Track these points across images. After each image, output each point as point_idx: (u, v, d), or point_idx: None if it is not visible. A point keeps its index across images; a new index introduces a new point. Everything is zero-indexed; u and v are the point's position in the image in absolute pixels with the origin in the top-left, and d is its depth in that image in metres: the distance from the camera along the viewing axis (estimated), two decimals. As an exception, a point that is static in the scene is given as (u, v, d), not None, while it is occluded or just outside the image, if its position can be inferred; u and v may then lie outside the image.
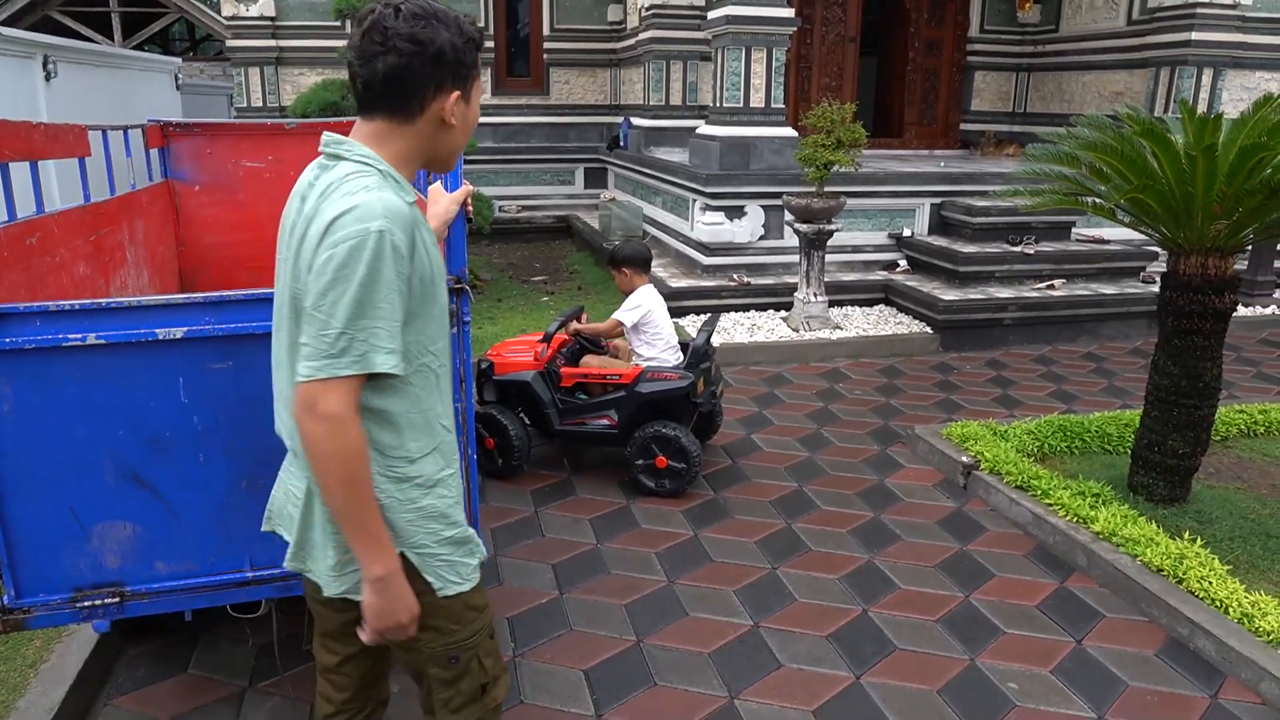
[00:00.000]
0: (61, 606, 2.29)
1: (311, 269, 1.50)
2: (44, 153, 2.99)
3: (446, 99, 1.60)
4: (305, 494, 1.69)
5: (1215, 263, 3.88)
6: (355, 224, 1.47)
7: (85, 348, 2.16)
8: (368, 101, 1.59)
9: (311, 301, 1.49)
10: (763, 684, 3.03)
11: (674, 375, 4.43)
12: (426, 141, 1.63)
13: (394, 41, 1.52)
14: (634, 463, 4.42)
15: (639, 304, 4.57)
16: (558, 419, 4.51)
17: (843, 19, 10.63)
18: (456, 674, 1.77)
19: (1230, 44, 8.91)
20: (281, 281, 1.66)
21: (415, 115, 1.59)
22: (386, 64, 1.52)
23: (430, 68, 1.55)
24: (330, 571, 1.69)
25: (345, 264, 1.47)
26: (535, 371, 4.50)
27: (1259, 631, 3.17)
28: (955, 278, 7.52)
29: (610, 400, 4.48)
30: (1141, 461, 4.22)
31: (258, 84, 11.28)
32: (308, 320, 1.51)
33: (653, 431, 4.36)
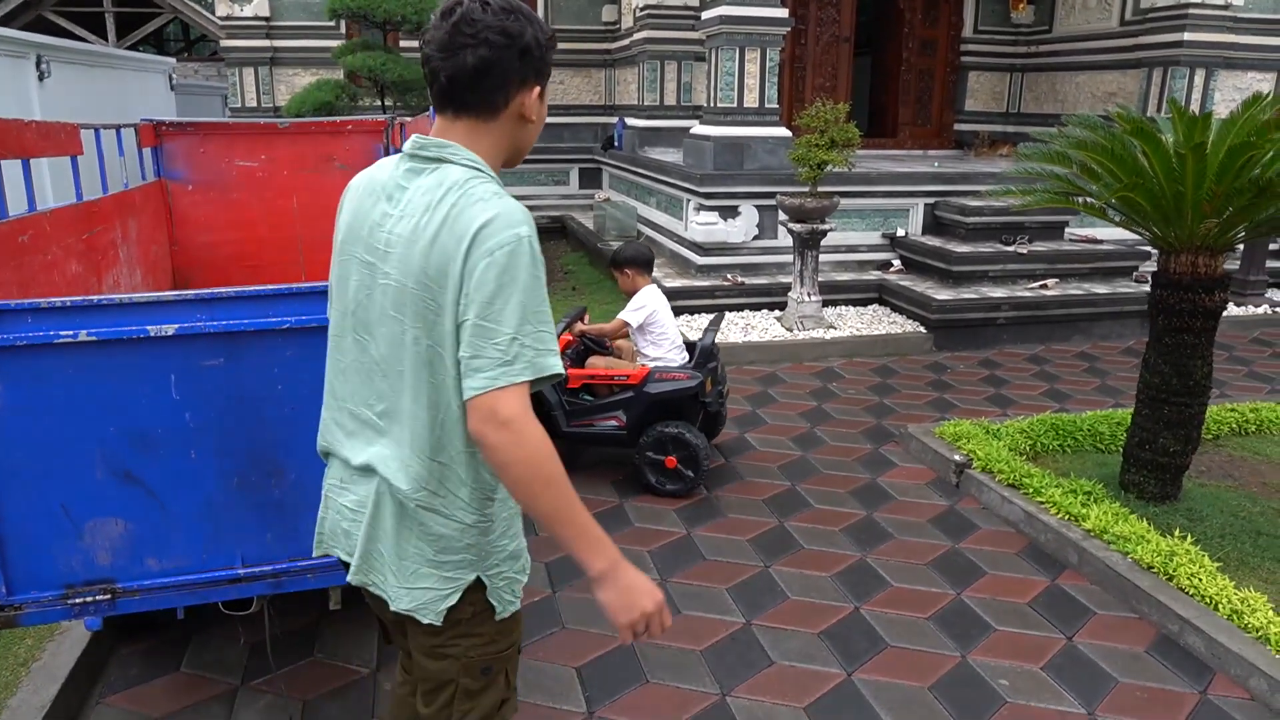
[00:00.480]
0: (53, 603, 2.29)
1: (464, 277, 1.48)
2: (36, 151, 2.99)
3: (529, 94, 1.58)
4: (372, 505, 1.64)
5: (1205, 261, 3.90)
6: (506, 230, 1.48)
7: (77, 345, 2.16)
8: (452, 97, 1.56)
9: (477, 311, 1.46)
10: (754, 681, 3.04)
11: (683, 375, 4.42)
12: (507, 138, 1.62)
13: (485, 34, 1.50)
14: (643, 464, 4.41)
15: (643, 304, 4.56)
16: (565, 421, 4.46)
17: (837, 19, 10.65)
18: (484, 685, 1.74)
19: (1222, 44, 8.94)
20: (356, 285, 1.61)
21: (499, 110, 1.57)
22: (477, 56, 1.50)
23: (517, 61, 1.54)
24: (403, 585, 1.64)
25: (507, 269, 1.47)
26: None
27: (1248, 628, 3.19)
28: (949, 277, 7.54)
29: (618, 401, 4.45)
30: (1133, 459, 4.24)
31: (252, 84, 11.28)
32: (474, 331, 1.47)
33: (662, 432, 4.36)
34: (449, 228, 1.49)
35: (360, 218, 1.62)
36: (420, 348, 1.54)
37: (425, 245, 1.50)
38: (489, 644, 1.72)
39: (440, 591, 1.63)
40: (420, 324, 1.52)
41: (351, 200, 1.67)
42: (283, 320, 2.26)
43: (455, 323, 1.50)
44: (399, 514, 1.63)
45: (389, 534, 1.64)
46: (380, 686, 2.98)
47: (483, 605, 1.68)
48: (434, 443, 1.58)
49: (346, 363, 1.68)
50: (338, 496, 1.75)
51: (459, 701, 1.73)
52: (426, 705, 1.76)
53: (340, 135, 4.59)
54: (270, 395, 2.31)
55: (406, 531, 1.63)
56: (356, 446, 1.68)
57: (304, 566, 2.44)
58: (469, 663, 1.71)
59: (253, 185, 4.59)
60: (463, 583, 1.65)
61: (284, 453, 2.35)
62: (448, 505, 1.61)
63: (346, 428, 1.70)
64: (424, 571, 1.63)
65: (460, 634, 1.69)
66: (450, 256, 1.48)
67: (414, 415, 1.57)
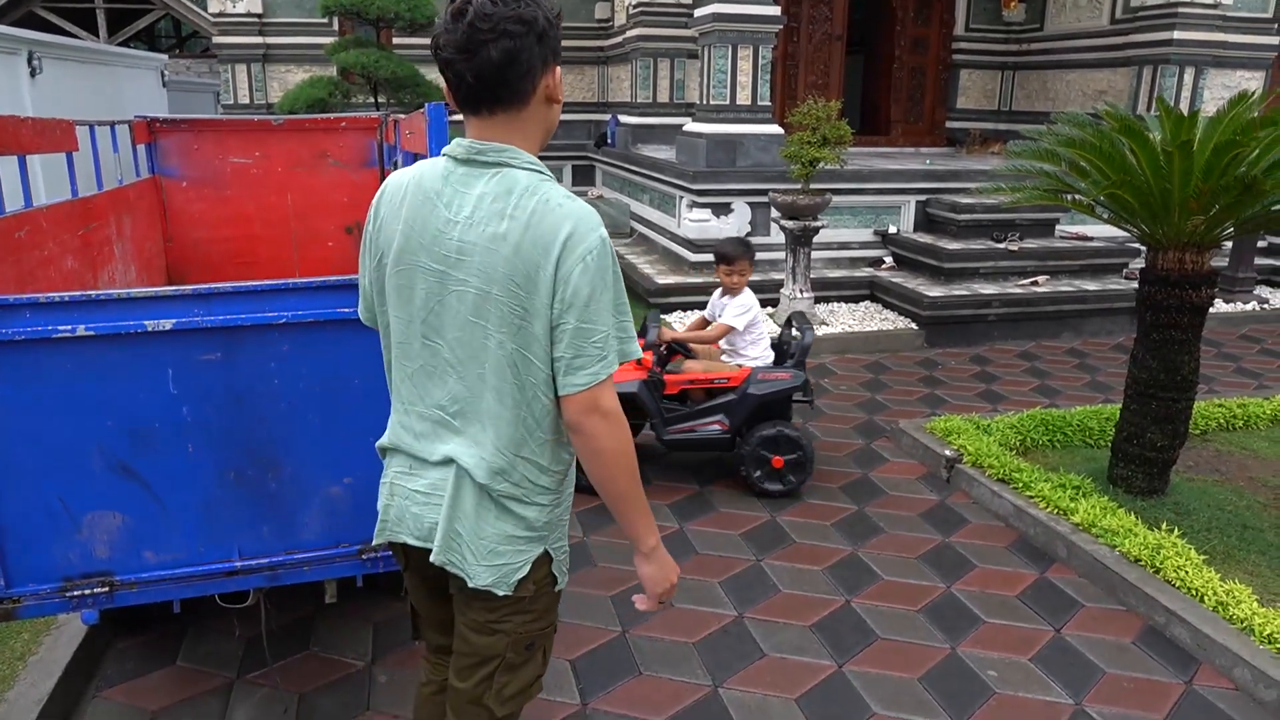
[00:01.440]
0: (51, 596, 2.31)
1: (558, 284, 1.54)
2: (32, 147, 3.00)
3: (552, 74, 1.61)
4: (452, 488, 1.67)
5: (1192, 258, 3.95)
6: (590, 233, 1.55)
7: (75, 339, 2.18)
8: (482, 94, 1.56)
9: (577, 315, 1.55)
10: (746, 673, 3.07)
11: (785, 374, 4.39)
12: (540, 124, 1.64)
13: (503, 25, 1.51)
14: (750, 467, 4.34)
15: (751, 306, 4.47)
16: (665, 428, 4.37)
17: (829, 17, 10.68)
18: (525, 660, 1.81)
19: (1211, 43, 9.00)
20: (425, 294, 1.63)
21: (529, 97, 1.58)
22: (500, 49, 1.51)
23: (537, 45, 1.55)
24: (481, 563, 1.70)
25: (599, 272, 1.55)
26: (640, 380, 4.28)
27: (1233, 619, 3.23)
28: (940, 274, 7.58)
29: (720, 404, 4.37)
30: (1121, 454, 4.28)
31: (244, 81, 11.26)
32: (574, 334, 1.55)
33: (776, 432, 4.31)
34: (531, 236, 1.53)
35: (418, 225, 1.62)
36: (505, 351, 1.59)
37: (509, 253, 1.54)
38: (536, 620, 1.79)
39: (513, 564, 1.71)
40: (505, 329, 1.58)
41: (400, 206, 1.65)
42: (279, 315, 2.28)
43: (547, 325, 1.57)
44: (478, 497, 1.68)
45: (469, 515, 1.69)
46: (376, 679, 3.00)
47: (544, 580, 1.77)
48: (518, 439, 1.65)
49: (415, 368, 1.70)
50: (405, 482, 1.77)
51: (500, 675, 1.79)
52: (464, 680, 1.80)
53: (334, 132, 4.60)
54: (267, 390, 2.33)
55: (485, 513, 1.69)
56: (428, 447, 1.72)
57: (300, 559, 2.47)
58: (517, 639, 1.78)
59: (247, 182, 4.60)
60: (533, 554, 1.73)
61: (280, 447, 2.37)
62: (528, 492, 1.70)
63: (415, 430, 1.74)
64: (500, 549, 1.70)
65: (516, 610, 1.75)
66: (537, 264, 1.53)
67: (497, 415, 1.63)
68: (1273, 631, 3.11)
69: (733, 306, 4.47)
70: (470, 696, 1.79)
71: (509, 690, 1.79)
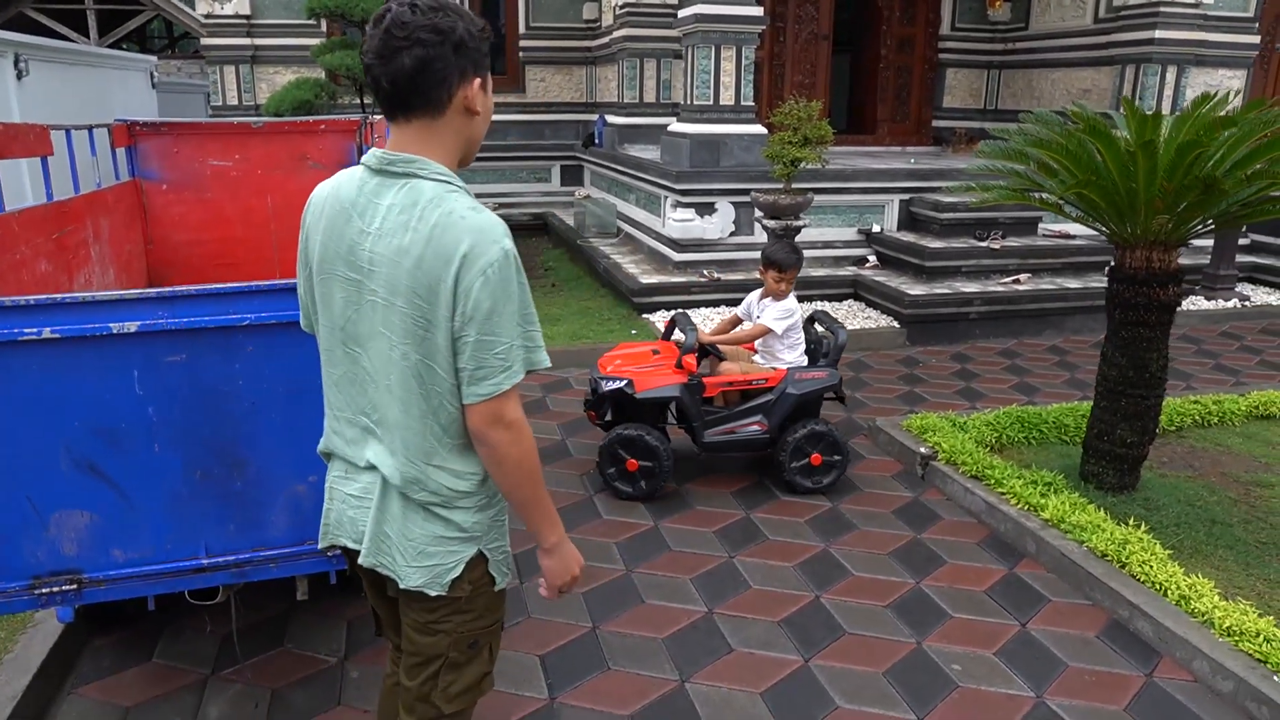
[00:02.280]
0: (20, 594, 2.35)
1: (458, 297, 1.55)
2: (4, 151, 3.04)
3: (470, 86, 1.62)
4: (379, 492, 1.73)
5: (1160, 256, 3.99)
6: (491, 246, 1.56)
7: (41, 341, 2.22)
8: (397, 100, 1.61)
9: (478, 328, 1.57)
10: (713, 667, 3.12)
11: (821, 373, 4.46)
12: (458, 135, 1.66)
13: (417, 34, 1.54)
14: (789, 465, 4.40)
15: (794, 311, 4.52)
16: (705, 431, 4.39)
17: (815, 17, 10.73)
18: (469, 658, 1.84)
19: (1192, 42, 9.06)
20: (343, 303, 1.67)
21: (444, 106, 1.61)
22: (413, 56, 1.55)
23: (453, 55, 1.58)
24: (411, 564, 1.74)
25: (500, 284, 1.56)
26: (682, 384, 4.31)
27: (1194, 612, 3.28)
28: (922, 273, 7.63)
29: (759, 405, 4.41)
30: (1092, 451, 4.33)
31: (233, 82, 11.28)
32: (475, 346, 1.58)
33: (811, 430, 4.39)
34: (433, 249, 1.55)
35: (336, 236, 1.66)
36: (410, 362, 1.62)
37: (411, 266, 1.56)
38: (478, 619, 1.82)
39: (445, 564, 1.74)
40: (409, 340, 1.60)
41: (319, 217, 1.70)
42: (243, 317, 2.32)
43: (449, 337, 1.59)
44: (403, 501, 1.72)
45: (395, 518, 1.74)
46: (348, 675, 3.04)
47: (481, 580, 1.80)
48: (427, 449, 1.68)
49: (339, 375, 1.75)
50: (342, 486, 1.83)
51: (444, 674, 1.83)
52: (412, 679, 1.85)
53: (313, 135, 4.64)
54: (232, 390, 2.37)
55: (412, 515, 1.73)
56: (356, 452, 1.77)
57: (267, 556, 2.51)
58: (459, 638, 1.81)
59: (227, 184, 4.64)
60: (466, 555, 1.76)
61: (246, 446, 2.41)
62: (448, 499, 1.72)
63: (346, 435, 1.79)
64: (430, 550, 1.73)
65: (455, 610, 1.78)
66: (439, 276, 1.55)
67: (405, 425, 1.67)
68: (1232, 624, 3.16)
69: (775, 309, 4.48)
70: (418, 694, 1.83)
71: (455, 688, 1.83)
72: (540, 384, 6.06)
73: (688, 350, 4.33)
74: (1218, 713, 2.93)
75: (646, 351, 4.59)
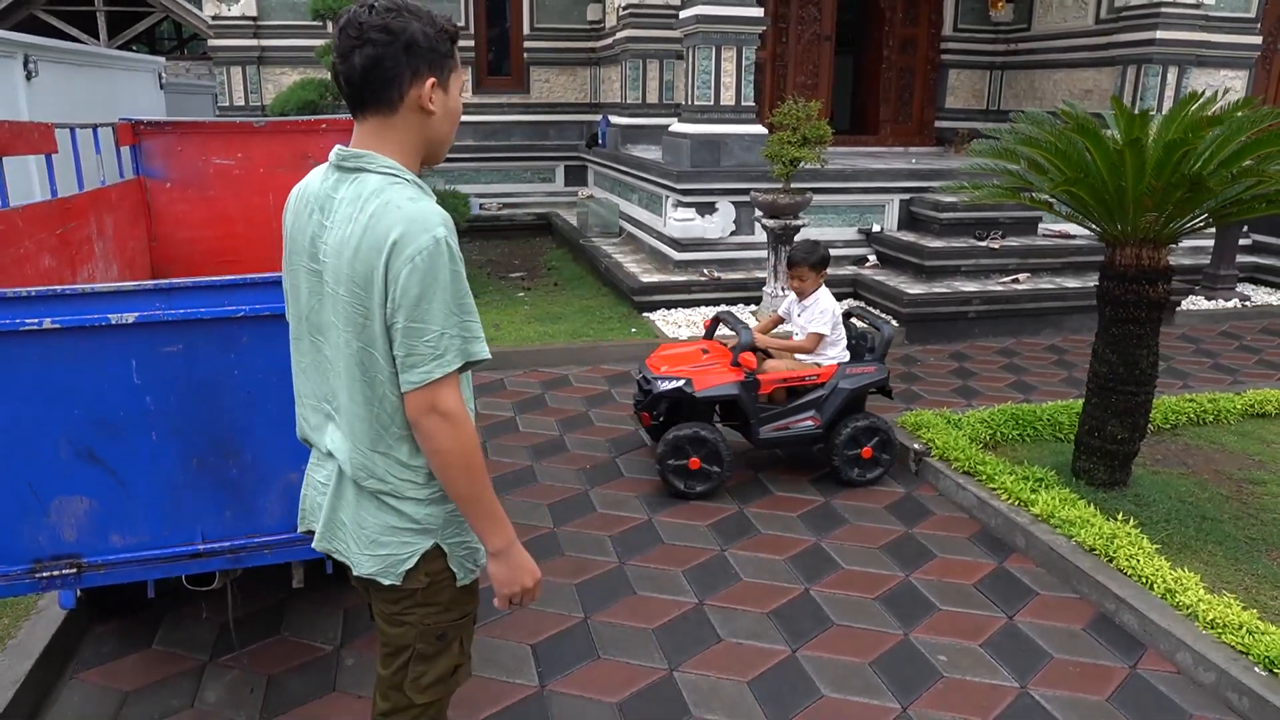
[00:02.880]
0: (21, 577, 2.41)
1: (389, 284, 1.59)
2: (8, 149, 3.11)
3: (423, 85, 1.66)
4: (335, 479, 1.78)
5: (1149, 253, 4.03)
6: (423, 234, 1.58)
7: (42, 332, 2.28)
8: (354, 98, 1.67)
9: (406, 315, 1.59)
10: (702, 657, 3.17)
11: (870, 368, 4.55)
12: (414, 132, 1.70)
13: (368, 34, 1.60)
14: (842, 452, 4.48)
15: (831, 308, 4.57)
16: (760, 428, 4.45)
17: (818, 17, 10.77)
18: (438, 651, 1.87)
19: (1194, 42, 9.08)
20: (308, 293, 1.73)
21: (396, 104, 1.65)
22: (363, 55, 1.61)
23: (403, 55, 1.63)
24: (364, 552, 1.78)
25: (429, 272, 1.58)
26: (739, 381, 4.35)
27: (1179, 606, 3.32)
28: (922, 272, 7.67)
29: (812, 400, 4.49)
30: (1083, 447, 4.37)
31: (240, 83, 11.38)
32: (405, 333, 1.60)
33: (866, 424, 4.49)
34: (369, 237, 1.60)
35: (300, 229, 1.74)
36: (352, 349, 1.67)
37: (350, 255, 1.62)
38: (444, 612, 1.85)
39: (398, 555, 1.77)
40: (351, 328, 1.66)
41: (291, 212, 1.79)
42: (238, 309, 2.39)
43: (384, 325, 1.63)
44: (357, 489, 1.77)
45: (350, 504, 1.79)
46: (343, 662, 3.10)
47: (441, 573, 1.81)
48: (373, 435, 1.72)
49: (306, 363, 1.82)
50: (314, 473, 1.90)
51: (414, 665, 1.86)
52: (385, 668, 1.90)
53: (314, 134, 4.71)
54: (227, 380, 2.43)
55: (366, 503, 1.77)
56: (320, 438, 1.83)
57: (261, 543, 2.57)
58: (425, 629, 1.84)
59: (230, 183, 4.71)
60: (420, 547, 1.78)
61: (241, 434, 2.47)
62: (396, 488, 1.75)
63: (311, 422, 1.85)
64: (382, 539, 1.77)
65: (417, 602, 1.82)
66: (372, 264, 1.59)
67: (351, 412, 1.72)
68: (1216, 617, 3.19)
69: (817, 314, 4.55)
70: (390, 684, 1.88)
71: (425, 680, 1.87)
72: (540, 381, 6.12)
73: (744, 348, 4.36)
74: (1199, 702, 2.97)
75: (695, 351, 4.61)
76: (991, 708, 2.94)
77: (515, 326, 7.16)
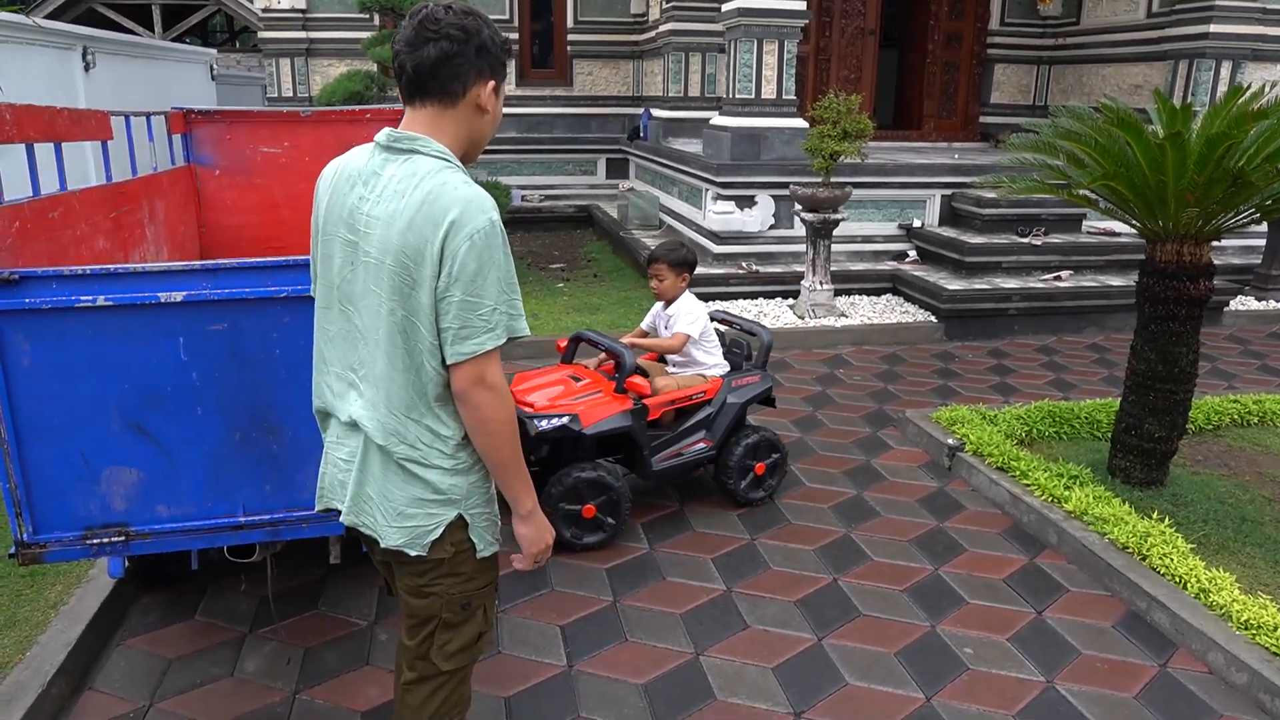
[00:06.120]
0: (73, 543, 2.52)
1: (444, 259, 1.66)
2: (67, 135, 3.23)
3: (485, 86, 1.78)
4: (361, 453, 1.85)
5: (1190, 250, 3.97)
6: (480, 214, 1.68)
7: (95, 309, 2.38)
8: (417, 87, 1.75)
9: (464, 289, 1.67)
10: (728, 642, 3.21)
11: (754, 377, 4.24)
12: (465, 126, 1.80)
13: (446, 29, 1.71)
14: (738, 485, 4.15)
15: (699, 312, 4.17)
16: (653, 458, 3.97)
17: (862, 12, 10.69)
18: (463, 619, 1.94)
19: (1250, 36, 8.86)
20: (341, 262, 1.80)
21: (458, 99, 1.75)
22: (438, 49, 1.71)
23: (474, 55, 1.74)
24: (391, 524, 1.85)
25: (486, 249, 1.68)
26: (628, 410, 3.83)
27: (1213, 605, 3.28)
28: (962, 268, 7.60)
29: (700, 420, 4.09)
30: (1120, 445, 4.32)
31: (288, 74, 11.61)
32: (461, 306, 1.68)
33: (759, 438, 4.17)
34: (425, 212, 1.68)
35: (339, 201, 1.81)
36: (396, 318, 1.74)
37: (402, 227, 1.69)
38: (468, 581, 1.92)
39: (425, 526, 1.84)
40: (396, 296, 1.72)
41: (328, 185, 1.86)
42: (280, 289, 2.47)
43: (433, 296, 1.70)
44: (384, 460, 1.83)
45: (376, 478, 1.85)
46: (376, 638, 3.19)
47: (464, 544, 1.89)
48: (408, 401, 1.78)
49: (334, 331, 1.88)
50: (334, 451, 1.96)
51: (440, 633, 1.94)
52: (410, 638, 1.97)
53: (359, 123, 4.80)
54: (268, 358, 2.51)
55: (392, 475, 1.83)
56: (344, 406, 1.89)
57: (299, 517, 2.66)
58: (450, 599, 1.91)
59: (276, 170, 4.81)
60: (445, 518, 1.85)
61: (281, 411, 2.56)
62: (425, 455, 1.81)
63: (334, 389, 1.91)
64: (409, 511, 1.83)
65: (443, 573, 1.89)
66: (426, 239, 1.67)
67: (389, 378, 1.78)
68: (1250, 618, 3.16)
69: (682, 315, 4.15)
70: (417, 653, 1.95)
71: (451, 647, 1.94)
72: (575, 370, 6.18)
73: (631, 371, 3.88)
74: (1230, 704, 2.94)
75: (561, 379, 3.99)
76: (1016, 701, 2.94)
77: (554, 316, 7.23)
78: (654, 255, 4.24)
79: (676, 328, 4.15)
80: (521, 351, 6.41)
